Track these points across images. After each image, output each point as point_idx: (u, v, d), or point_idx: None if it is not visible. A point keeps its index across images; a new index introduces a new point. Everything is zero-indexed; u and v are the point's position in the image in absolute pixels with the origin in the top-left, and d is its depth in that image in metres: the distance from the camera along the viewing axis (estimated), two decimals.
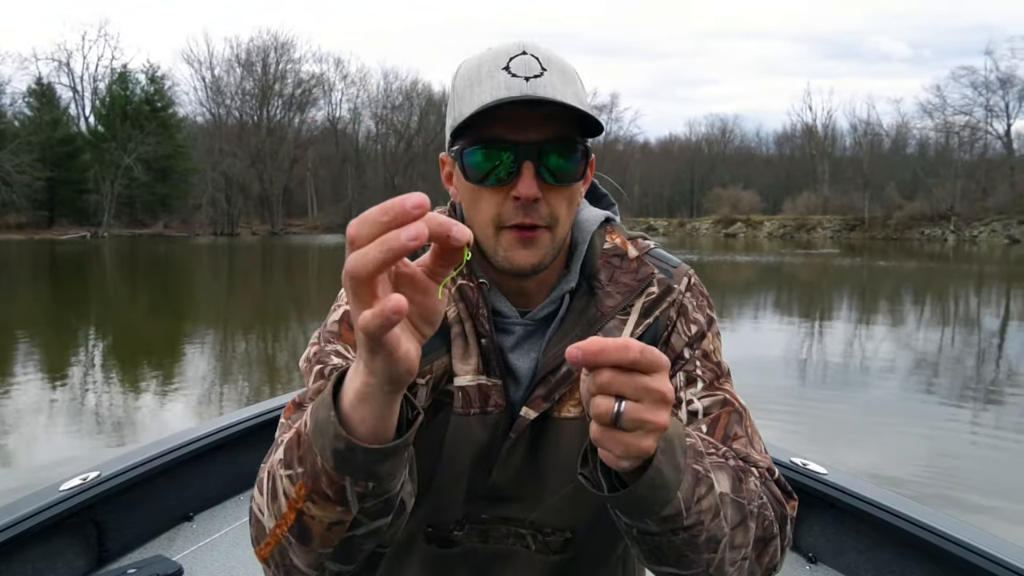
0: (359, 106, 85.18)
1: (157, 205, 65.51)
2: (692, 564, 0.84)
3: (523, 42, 1.01)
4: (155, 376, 9.30)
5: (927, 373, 9.89)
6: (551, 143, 0.98)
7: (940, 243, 52.41)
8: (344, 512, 0.77)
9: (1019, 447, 6.64)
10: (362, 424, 0.71)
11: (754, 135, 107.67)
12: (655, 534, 0.81)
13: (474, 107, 0.96)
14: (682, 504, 0.79)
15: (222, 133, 72.66)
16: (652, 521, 0.79)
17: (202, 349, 11.25)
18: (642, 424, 0.70)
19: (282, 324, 14.83)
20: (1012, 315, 16.74)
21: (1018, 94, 61.96)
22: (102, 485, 2.40)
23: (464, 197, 1.06)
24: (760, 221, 67.59)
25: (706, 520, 0.82)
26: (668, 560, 0.85)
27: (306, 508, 0.78)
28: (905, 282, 23.96)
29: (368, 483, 0.75)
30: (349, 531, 0.79)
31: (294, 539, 0.81)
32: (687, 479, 0.79)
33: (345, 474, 0.74)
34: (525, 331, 1.10)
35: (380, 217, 0.59)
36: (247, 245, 50.38)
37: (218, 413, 7.40)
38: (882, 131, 74.34)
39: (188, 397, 8.12)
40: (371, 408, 0.70)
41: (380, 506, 0.79)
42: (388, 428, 0.73)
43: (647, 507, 0.78)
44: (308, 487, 0.77)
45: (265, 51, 77.24)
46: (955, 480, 5.70)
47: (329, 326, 1.10)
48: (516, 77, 0.97)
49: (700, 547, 0.83)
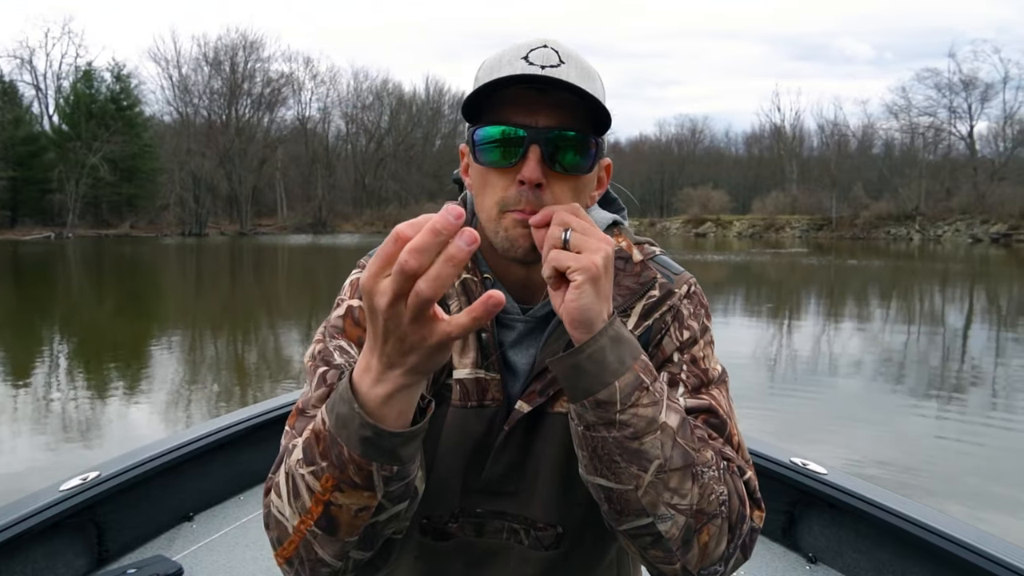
0: (329, 105, 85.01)
1: (123, 205, 64.62)
2: (621, 476, 0.90)
3: (547, 38, 1.03)
4: (120, 381, 9.14)
5: (894, 367, 10.03)
6: (560, 131, 0.99)
7: (906, 242, 53.15)
8: (370, 497, 0.84)
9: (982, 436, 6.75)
10: (398, 417, 0.81)
11: (723, 135, 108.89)
12: (592, 427, 0.89)
13: (489, 88, 0.99)
14: (618, 395, 0.88)
15: (190, 132, 71.99)
16: (589, 404, 0.88)
17: (169, 351, 11.08)
18: (586, 243, 0.87)
19: (251, 325, 14.66)
20: (975, 311, 17.01)
21: (980, 96, 63.14)
22: (102, 485, 2.42)
23: (475, 182, 1.08)
24: (730, 221, 68.12)
25: (639, 427, 0.89)
26: (601, 466, 0.91)
27: (334, 498, 0.85)
28: (872, 280, 24.28)
29: (393, 466, 0.83)
30: (373, 516, 0.86)
31: (320, 531, 0.88)
32: (629, 377, 0.88)
33: (372, 459, 0.81)
34: (526, 328, 1.12)
35: (435, 239, 0.66)
36: (215, 245, 49.82)
37: (185, 418, 7.29)
38: (849, 131, 75.44)
39: (153, 402, 7.98)
40: (401, 402, 0.80)
41: (402, 489, 0.87)
42: (410, 413, 0.82)
43: (585, 383, 0.88)
44: (335, 478, 0.83)
45: (233, 49, 76.70)
46: (915, 472, 5.76)
47: (333, 321, 1.12)
48: (533, 65, 0.98)
49: (630, 455, 0.89)
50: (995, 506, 5.20)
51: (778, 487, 2.65)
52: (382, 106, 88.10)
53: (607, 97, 1.05)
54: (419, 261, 0.66)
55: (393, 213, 78.25)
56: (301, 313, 16.40)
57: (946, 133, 65.34)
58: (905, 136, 68.61)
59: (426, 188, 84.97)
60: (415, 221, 0.69)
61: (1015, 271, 29.07)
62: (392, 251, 0.70)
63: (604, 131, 1.04)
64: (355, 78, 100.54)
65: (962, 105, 63.97)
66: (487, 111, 1.02)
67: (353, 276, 1.17)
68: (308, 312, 16.42)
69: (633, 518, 0.93)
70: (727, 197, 75.06)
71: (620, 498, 0.92)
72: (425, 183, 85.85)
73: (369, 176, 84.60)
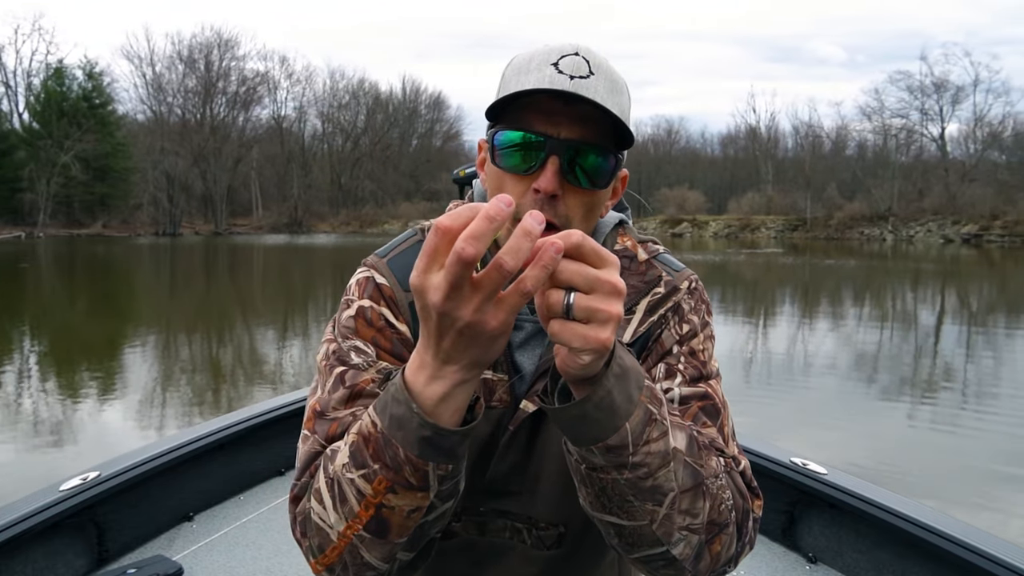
0: (305, 105, 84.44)
1: (96, 205, 63.81)
2: (635, 513, 0.86)
3: (579, 45, 1.01)
4: (91, 384, 9.03)
5: (867, 364, 10.14)
6: (582, 144, 0.98)
7: (879, 243, 53.75)
8: (423, 497, 0.83)
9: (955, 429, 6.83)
10: (453, 415, 0.79)
11: (699, 136, 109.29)
12: (601, 470, 0.83)
13: (516, 95, 0.98)
14: (630, 437, 0.80)
15: (164, 131, 71.19)
16: (598, 451, 0.81)
17: (142, 353, 10.97)
18: (594, 314, 0.72)
19: (225, 326, 14.52)
20: (946, 309, 17.23)
21: (951, 98, 64.04)
22: (102, 485, 2.43)
23: (490, 182, 1.07)
24: (706, 221, 68.47)
25: (653, 464, 0.83)
26: (612, 505, 0.86)
27: (386, 500, 0.83)
28: (847, 279, 24.51)
29: (448, 465, 0.82)
30: (424, 516, 0.85)
31: (369, 534, 0.86)
32: (638, 414, 0.81)
33: (430, 459, 0.80)
34: (534, 328, 1.11)
35: (490, 225, 0.65)
36: (190, 245, 49.35)
37: (159, 422, 7.19)
38: (823, 133, 76.05)
39: (127, 405, 7.88)
40: (458, 398, 0.79)
41: (452, 487, 0.85)
42: (464, 410, 0.81)
43: (594, 432, 0.80)
44: (389, 480, 0.82)
45: (208, 48, 76.00)
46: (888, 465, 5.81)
47: (344, 322, 1.10)
48: (562, 74, 0.97)
49: (644, 494, 0.84)
50: (958, 501, 5.27)
51: (778, 487, 2.66)
52: (358, 105, 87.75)
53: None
54: (476, 248, 0.65)
55: (369, 213, 77.99)
56: (276, 314, 16.28)
57: (918, 135, 66.37)
58: (878, 137, 69.54)
59: (403, 188, 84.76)
60: (455, 213, 0.68)
61: (985, 271, 29.47)
62: (439, 245, 0.68)
63: (627, 147, 1.03)
64: (331, 77, 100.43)
65: (934, 107, 65.03)
66: (510, 114, 1.00)
67: (360, 275, 1.15)
68: (283, 313, 16.31)
69: (646, 548, 0.89)
70: (703, 197, 75.43)
71: (633, 533, 0.88)
72: (402, 183, 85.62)
73: (345, 176, 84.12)
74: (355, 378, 1.03)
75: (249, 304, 18.53)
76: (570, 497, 1.08)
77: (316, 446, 0.99)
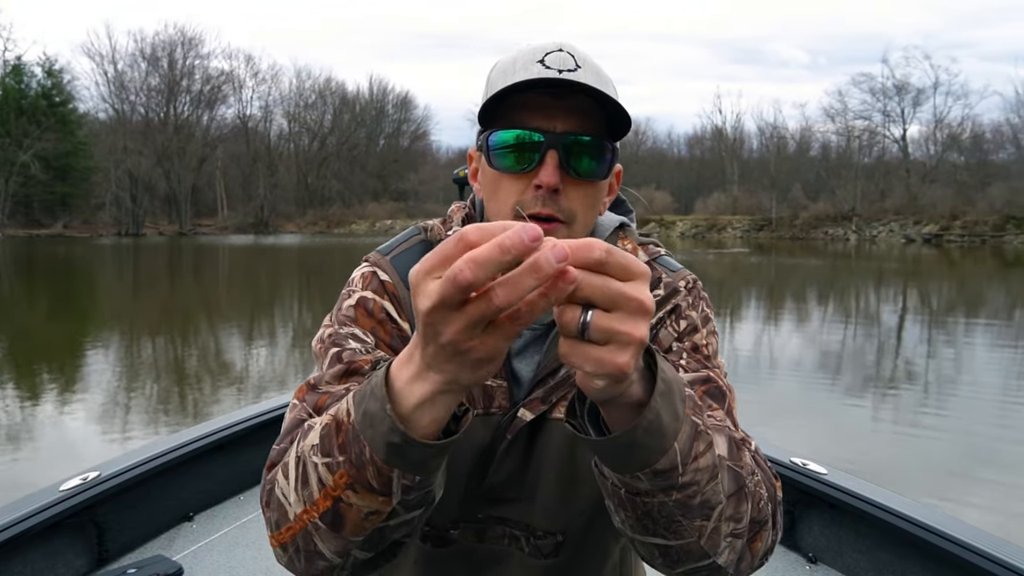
0: (271, 104, 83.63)
1: (56, 204, 62.80)
2: (683, 532, 0.79)
3: (562, 41, 1.01)
4: (50, 388, 8.85)
5: (830, 359, 10.27)
6: (578, 136, 0.98)
7: (843, 242, 54.50)
8: (384, 503, 0.77)
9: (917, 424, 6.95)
10: (430, 425, 0.71)
11: (666, 137, 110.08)
12: (646, 494, 0.76)
13: (505, 92, 0.96)
14: (679, 458, 0.73)
15: (126, 130, 70.22)
16: (644, 476, 0.73)
17: (104, 356, 10.78)
18: (613, 336, 0.62)
19: (190, 329, 14.32)
20: (908, 307, 17.52)
21: (912, 100, 65.16)
22: (102, 485, 2.43)
23: (486, 187, 1.06)
24: (673, 221, 68.87)
25: (702, 481, 0.76)
26: (658, 527, 0.80)
27: (345, 496, 0.77)
28: (811, 278, 24.83)
29: (416, 476, 0.75)
30: (384, 521, 0.79)
31: (324, 525, 0.80)
32: (685, 430, 0.74)
33: (395, 467, 0.73)
34: (532, 335, 1.11)
35: (500, 257, 0.57)
36: (153, 246, 48.63)
37: (121, 430, 7.05)
38: (788, 134, 76.91)
39: (88, 410, 7.73)
40: (439, 410, 0.71)
41: (420, 498, 0.79)
42: (444, 421, 0.73)
43: (641, 457, 0.72)
44: (351, 476, 0.76)
45: (171, 46, 75.08)
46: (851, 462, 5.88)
47: (344, 310, 1.09)
48: (550, 69, 0.96)
49: (693, 511, 0.78)
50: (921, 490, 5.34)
51: None
52: (325, 105, 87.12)
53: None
54: (475, 274, 0.57)
55: (336, 213, 77.56)
56: (242, 317, 16.09)
57: (880, 136, 67.32)
58: (841, 139, 70.31)
59: (370, 188, 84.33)
60: (486, 227, 0.60)
61: (944, 271, 30.00)
62: (451, 253, 0.60)
63: (621, 136, 1.03)
64: (297, 76, 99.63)
65: (895, 109, 66.03)
66: (502, 115, 1.00)
67: (363, 270, 1.14)
68: (249, 316, 16.12)
69: (691, 563, 0.84)
70: (670, 198, 75.92)
71: (679, 551, 0.82)
72: (369, 183, 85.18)
73: (312, 176, 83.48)
74: (352, 356, 1.00)
75: (215, 306, 18.29)
76: (568, 506, 1.10)
77: (303, 414, 0.96)
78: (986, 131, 62.11)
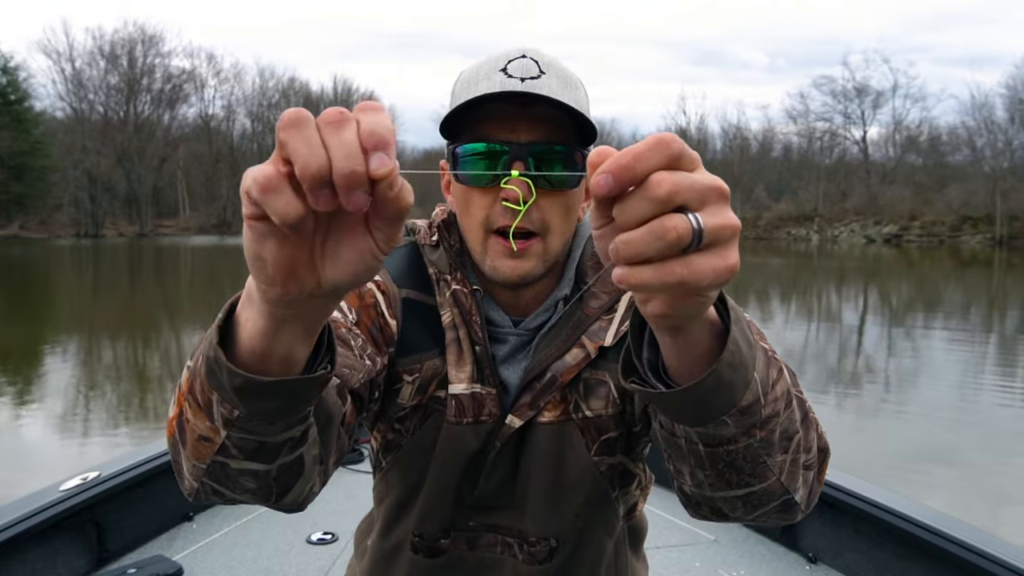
0: (234, 103, 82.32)
1: (12, 205, 61.30)
2: (767, 472, 0.73)
3: (525, 47, 1.00)
4: (5, 394, 8.64)
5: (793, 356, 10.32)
6: (544, 145, 0.95)
7: (805, 242, 55.26)
8: (212, 430, 0.68)
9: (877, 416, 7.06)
10: (256, 353, 0.62)
11: (630, 138, 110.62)
12: (729, 441, 0.69)
13: (468, 105, 0.95)
14: (759, 387, 0.66)
15: (85, 129, 68.85)
16: (730, 418, 0.66)
17: (62, 361, 10.55)
18: (720, 232, 0.51)
19: (152, 331, 14.10)
20: (869, 305, 17.79)
21: (872, 103, 66.36)
22: (102, 485, 2.45)
23: (457, 202, 1.04)
24: None
25: (781, 410, 0.70)
26: (742, 476, 0.73)
27: (185, 408, 0.70)
28: (773, 278, 25.15)
29: (233, 410, 0.66)
30: (219, 455, 0.70)
31: (177, 435, 0.73)
32: (760, 357, 0.68)
33: (214, 389, 0.65)
34: (518, 341, 1.09)
35: (283, 181, 0.53)
36: (113, 247, 47.79)
37: (82, 433, 6.90)
38: (750, 135, 77.75)
39: (47, 416, 7.56)
40: (265, 336, 0.61)
41: (253, 446, 0.69)
42: (275, 357, 0.62)
43: (726, 396, 0.64)
44: (190, 385, 0.69)
45: (131, 43, 73.73)
46: None
47: None
48: (512, 78, 0.95)
49: (775, 447, 0.71)
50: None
51: None
52: (288, 104, 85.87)
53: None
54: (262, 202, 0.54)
55: None
56: (206, 319, 15.87)
57: (841, 138, 68.50)
58: (803, 140, 71.35)
59: None
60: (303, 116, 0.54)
61: (904, 270, 30.56)
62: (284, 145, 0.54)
63: (590, 142, 1.01)
64: (261, 75, 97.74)
65: (856, 111, 67.22)
66: (467, 127, 0.98)
67: None
68: (213, 318, 15.90)
69: (770, 503, 0.77)
70: None
71: (761, 494, 0.76)
72: None
73: None
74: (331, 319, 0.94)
75: (176, 309, 18.02)
76: (560, 510, 1.09)
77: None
78: (943, 133, 63.43)
